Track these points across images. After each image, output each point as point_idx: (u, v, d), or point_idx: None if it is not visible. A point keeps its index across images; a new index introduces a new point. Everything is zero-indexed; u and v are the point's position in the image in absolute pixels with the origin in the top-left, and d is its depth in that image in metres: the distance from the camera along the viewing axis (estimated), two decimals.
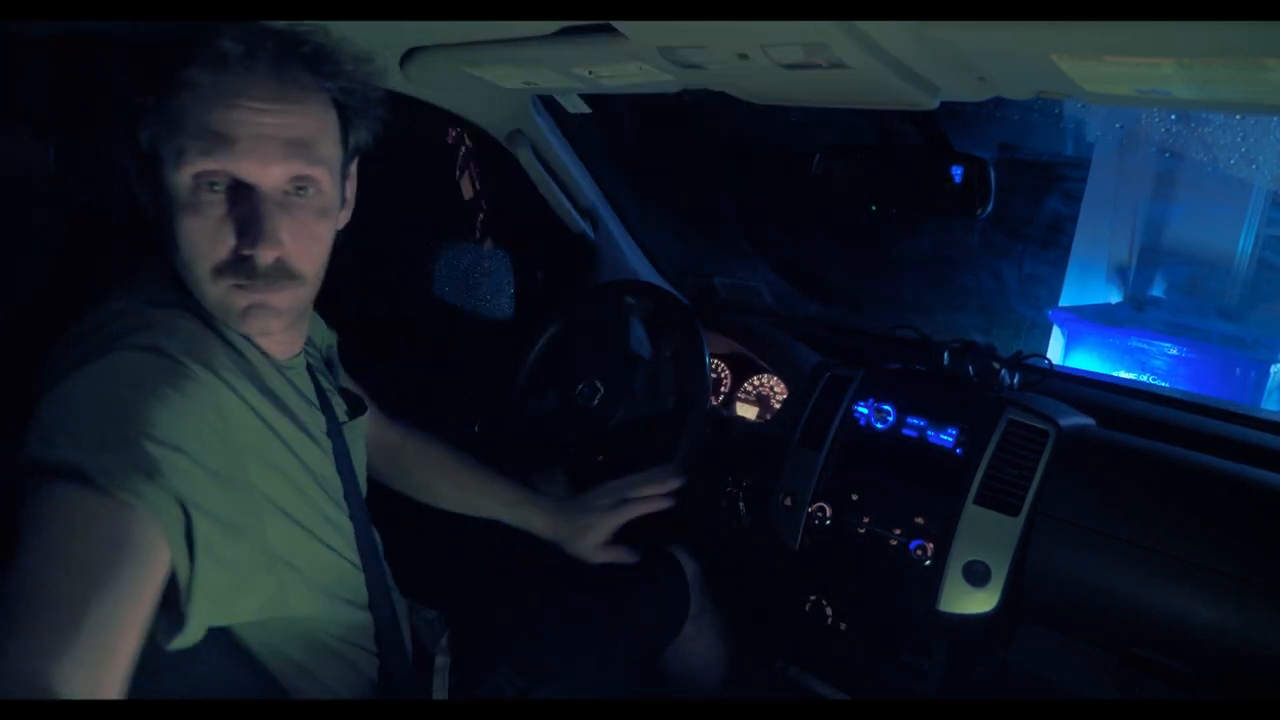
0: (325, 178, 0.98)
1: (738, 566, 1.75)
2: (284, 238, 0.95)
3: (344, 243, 1.09)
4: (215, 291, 0.95)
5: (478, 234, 2.34)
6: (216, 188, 0.92)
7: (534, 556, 1.56)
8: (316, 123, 0.97)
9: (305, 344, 1.17)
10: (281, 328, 1.02)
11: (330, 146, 1.00)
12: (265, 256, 0.94)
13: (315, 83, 0.97)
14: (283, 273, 0.97)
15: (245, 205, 0.92)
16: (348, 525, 1.14)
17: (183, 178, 0.91)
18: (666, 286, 2.19)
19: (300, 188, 0.97)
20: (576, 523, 1.52)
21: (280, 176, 0.94)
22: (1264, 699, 1.20)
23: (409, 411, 1.56)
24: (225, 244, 0.93)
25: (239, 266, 0.94)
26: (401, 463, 1.53)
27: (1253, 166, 5.77)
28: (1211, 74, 0.79)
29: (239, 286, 0.95)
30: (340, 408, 1.22)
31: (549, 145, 1.90)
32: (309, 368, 1.17)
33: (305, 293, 1.02)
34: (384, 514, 1.26)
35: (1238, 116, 5.22)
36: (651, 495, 1.55)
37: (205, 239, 0.93)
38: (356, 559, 1.15)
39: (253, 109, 0.91)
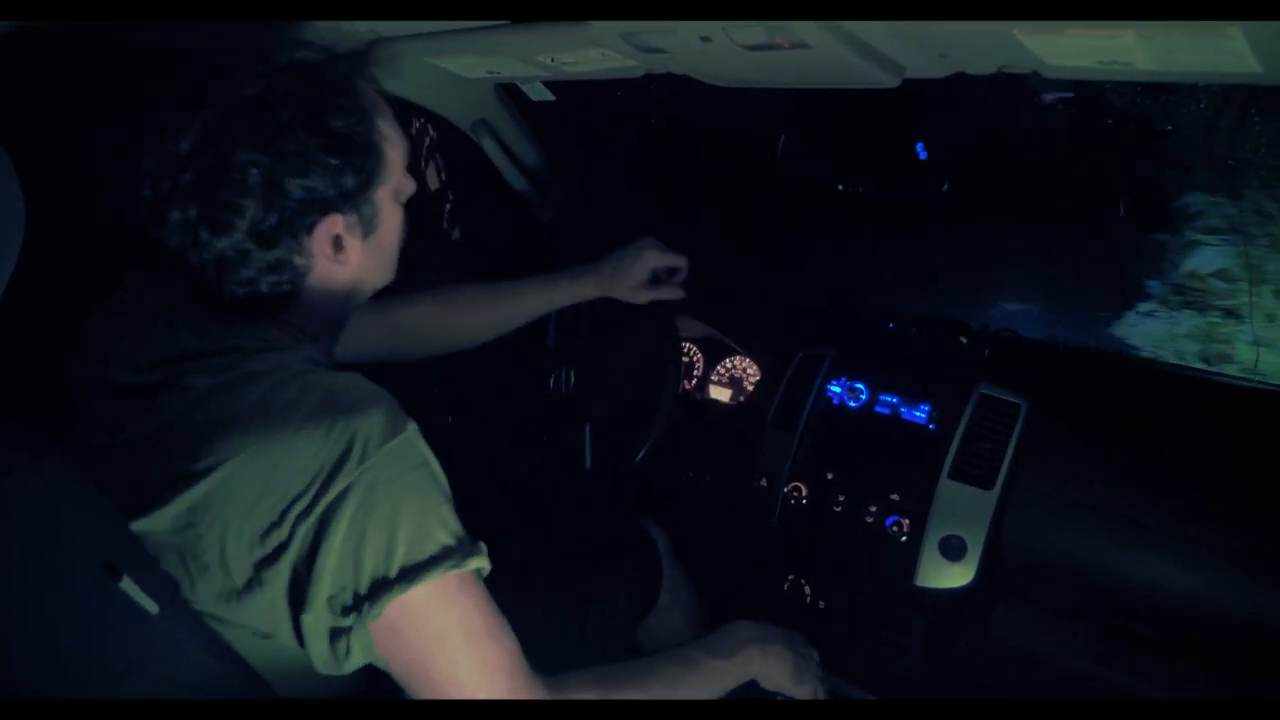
0: None
1: (714, 548, 1.76)
2: None
3: None
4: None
5: (444, 223, 2.31)
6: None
7: (505, 537, 1.54)
8: None
9: None
10: None
11: None
12: None
13: None
14: None
15: None
16: None
17: (390, 193, 1.05)
18: None
19: None
20: (617, 271, 1.60)
21: None
22: (1255, 684, 1.22)
23: None
24: None
25: None
26: (419, 331, 1.53)
27: None
28: (1172, 44, 0.79)
29: None
30: None
31: (513, 133, 1.89)
32: None
33: None
34: None
35: None
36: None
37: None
38: None
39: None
